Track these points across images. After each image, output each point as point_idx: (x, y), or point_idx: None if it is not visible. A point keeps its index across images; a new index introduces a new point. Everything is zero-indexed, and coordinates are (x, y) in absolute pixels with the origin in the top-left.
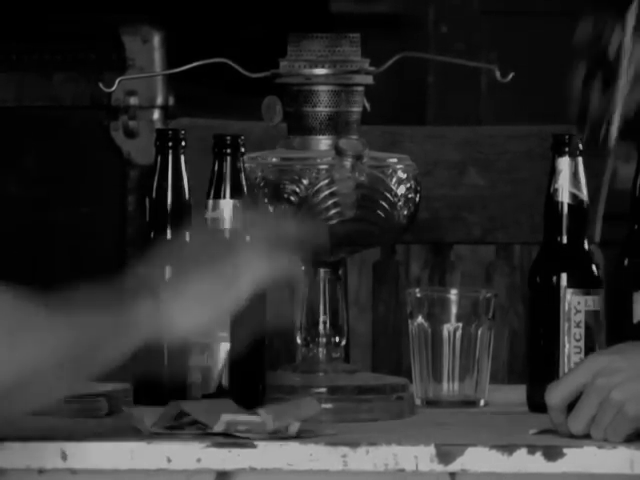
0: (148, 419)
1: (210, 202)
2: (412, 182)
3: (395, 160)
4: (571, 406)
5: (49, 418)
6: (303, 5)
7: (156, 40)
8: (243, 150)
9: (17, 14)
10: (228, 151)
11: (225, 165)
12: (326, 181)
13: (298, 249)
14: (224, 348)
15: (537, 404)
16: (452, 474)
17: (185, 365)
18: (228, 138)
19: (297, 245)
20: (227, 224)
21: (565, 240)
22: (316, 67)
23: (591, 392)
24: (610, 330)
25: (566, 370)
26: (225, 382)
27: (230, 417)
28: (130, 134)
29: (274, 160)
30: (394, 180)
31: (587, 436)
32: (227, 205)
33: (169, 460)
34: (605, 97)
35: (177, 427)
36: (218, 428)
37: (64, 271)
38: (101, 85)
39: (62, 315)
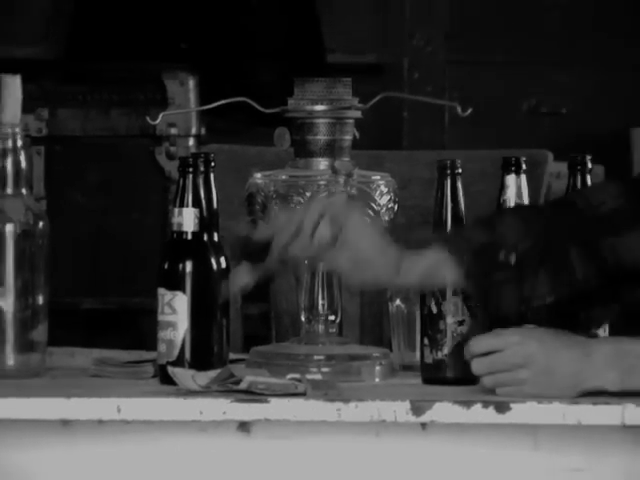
0: (200, 379)
1: (175, 210)
2: (392, 195)
3: (378, 177)
4: None
5: (107, 379)
6: (306, 57)
7: (191, 83)
8: (204, 168)
9: (81, 63)
10: (190, 169)
11: (188, 180)
12: (324, 194)
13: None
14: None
15: None
16: (423, 424)
17: None
18: (190, 159)
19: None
20: (189, 228)
21: None
22: (316, 104)
23: (506, 358)
24: None
25: None
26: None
27: (253, 378)
28: (171, 157)
29: (283, 177)
30: (377, 193)
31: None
32: (188, 213)
33: (201, 412)
34: None
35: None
36: (242, 385)
37: (118, 263)
38: (148, 119)
39: None
